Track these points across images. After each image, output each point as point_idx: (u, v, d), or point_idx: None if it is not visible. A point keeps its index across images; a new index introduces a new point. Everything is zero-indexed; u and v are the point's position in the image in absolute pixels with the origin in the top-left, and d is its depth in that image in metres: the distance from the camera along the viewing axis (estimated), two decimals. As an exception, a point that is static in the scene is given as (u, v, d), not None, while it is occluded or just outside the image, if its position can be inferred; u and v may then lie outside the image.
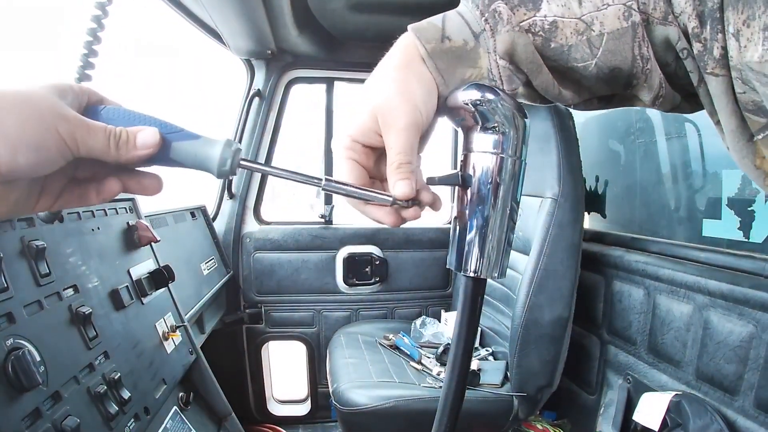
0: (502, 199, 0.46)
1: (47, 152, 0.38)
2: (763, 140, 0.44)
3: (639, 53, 0.47)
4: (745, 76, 0.42)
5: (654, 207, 1.96)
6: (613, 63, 0.47)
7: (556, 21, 0.46)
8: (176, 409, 1.36)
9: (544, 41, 0.47)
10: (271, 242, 2.45)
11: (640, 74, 0.48)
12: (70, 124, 0.38)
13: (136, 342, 1.18)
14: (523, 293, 1.74)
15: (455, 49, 0.47)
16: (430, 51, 0.46)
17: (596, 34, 0.46)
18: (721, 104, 0.45)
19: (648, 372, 1.69)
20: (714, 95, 0.45)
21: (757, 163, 0.46)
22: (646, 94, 0.50)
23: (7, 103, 0.37)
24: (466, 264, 0.47)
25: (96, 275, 1.11)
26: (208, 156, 0.42)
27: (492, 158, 0.45)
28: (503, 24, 0.46)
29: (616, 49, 0.47)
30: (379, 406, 1.65)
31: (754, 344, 1.29)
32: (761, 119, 0.44)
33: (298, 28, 1.99)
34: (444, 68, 0.47)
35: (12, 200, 0.40)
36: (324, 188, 0.44)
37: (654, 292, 1.67)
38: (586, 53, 0.47)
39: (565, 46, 0.47)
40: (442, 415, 0.49)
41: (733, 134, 0.46)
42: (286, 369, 2.87)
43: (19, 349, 0.78)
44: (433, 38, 0.47)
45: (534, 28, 0.46)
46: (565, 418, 2.14)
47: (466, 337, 0.47)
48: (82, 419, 0.87)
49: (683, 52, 0.47)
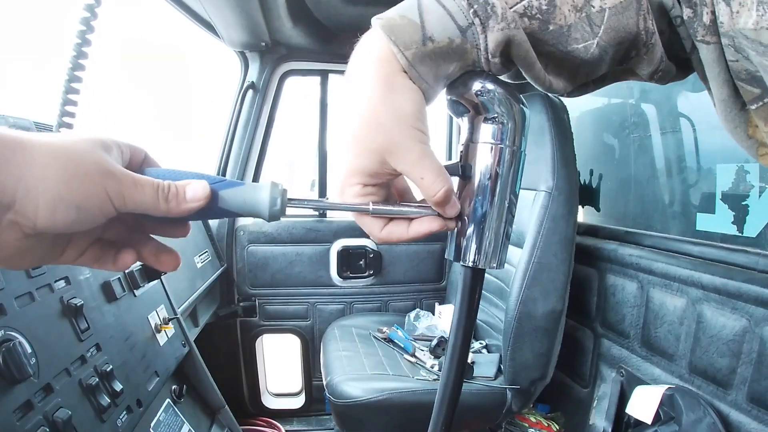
0: (501, 190, 0.45)
1: (88, 211, 0.36)
2: (756, 110, 0.43)
3: (644, 27, 0.44)
4: (738, 43, 0.40)
5: (648, 201, 1.97)
6: (616, 40, 0.44)
7: None
8: (169, 402, 1.35)
9: (542, 24, 0.43)
10: (265, 235, 2.44)
11: (641, 47, 0.46)
12: (117, 181, 0.37)
13: (129, 334, 1.18)
14: (517, 286, 1.74)
15: (439, 50, 0.41)
16: (411, 59, 0.41)
17: (596, 10, 0.43)
18: (713, 72, 0.44)
19: (641, 365, 1.69)
20: (705, 63, 0.44)
21: (750, 132, 0.44)
22: (645, 67, 0.47)
23: (50, 156, 0.35)
24: (465, 254, 0.46)
25: (87, 267, 1.10)
26: (257, 200, 0.42)
27: (492, 149, 0.45)
28: (497, 20, 0.41)
29: (619, 26, 0.43)
30: (373, 399, 1.65)
31: (747, 338, 1.29)
32: (755, 89, 0.42)
33: (293, 19, 1.98)
34: (426, 72, 0.42)
35: (39, 253, 0.38)
36: (372, 213, 0.44)
37: (647, 286, 1.67)
38: (587, 32, 0.43)
39: (564, 27, 0.43)
40: (441, 403, 0.49)
41: (724, 103, 0.44)
42: (280, 362, 2.87)
43: (10, 341, 0.77)
44: (412, 42, 0.41)
45: (530, 11, 0.42)
46: (558, 411, 2.15)
47: (465, 325, 0.47)
48: (73, 411, 0.86)
49: (676, 19, 0.45)
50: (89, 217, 0.37)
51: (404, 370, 1.85)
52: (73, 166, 0.35)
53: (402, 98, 0.41)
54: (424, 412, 0.52)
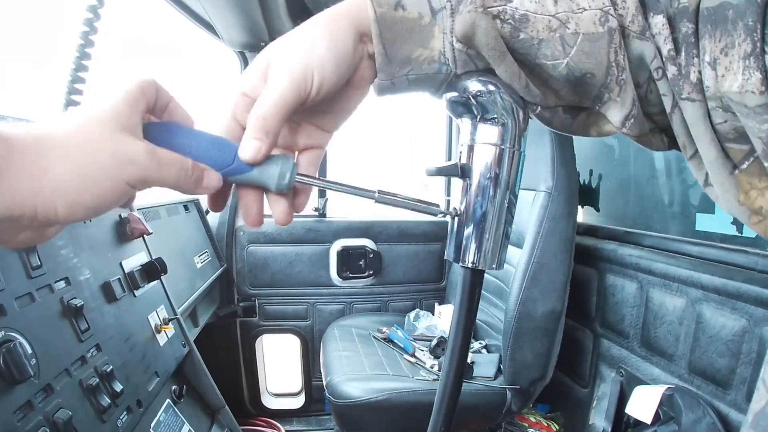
0: (501, 191, 0.45)
1: (107, 203, 0.36)
2: (747, 169, 0.41)
3: (615, 60, 0.43)
4: (725, 103, 0.39)
5: (648, 201, 1.97)
6: (586, 66, 0.43)
7: (527, 15, 0.42)
8: (169, 402, 1.35)
9: (513, 30, 0.42)
10: (265, 235, 2.44)
11: (613, 85, 0.43)
12: (139, 167, 0.36)
13: (129, 335, 1.18)
14: (517, 286, 1.74)
15: (407, 21, 0.41)
16: (379, 15, 0.41)
17: (571, 32, 0.42)
18: (699, 131, 0.42)
19: (641, 365, 1.70)
20: (690, 122, 0.42)
21: (741, 199, 0.42)
22: (617, 112, 0.45)
23: (65, 160, 0.34)
24: (464, 255, 0.46)
25: (88, 267, 1.10)
26: (266, 171, 0.42)
27: (492, 149, 0.45)
28: (465, 4, 0.41)
29: (591, 51, 0.42)
30: (373, 399, 1.65)
31: (747, 338, 1.29)
32: (743, 146, 0.41)
33: (293, 20, 1.98)
34: (390, 39, 0.41)
35: (47, 234, 0.38)
36: (377, 200, 0.44)
37: (647, 286, 1.67)
38: (558, 51, 0.42)
39: (536, 39, 0.42)
40: (441, 403, 0.49)
41: (712, 165, 0.42)
42: (280, 362, 2.87)
43: (11, 342, 0.77)
44: (386, 2, 0.41)
45: (503, 15, 0.41)
46: (558, 411, 2.15)
47: (465, 326, 0.47)
48: (74, 412, 0.86)
49: (658, 71, 0.43)
50: (109, 206, 0.36)
51: (404, 370, 1.85)
52: (90, 164, 0.34)
53: (329, 38, 0.40)
54: (424, 412, 0.52)
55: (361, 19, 0.41)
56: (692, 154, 0.44)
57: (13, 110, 1.12)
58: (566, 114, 0.48)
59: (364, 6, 0.41)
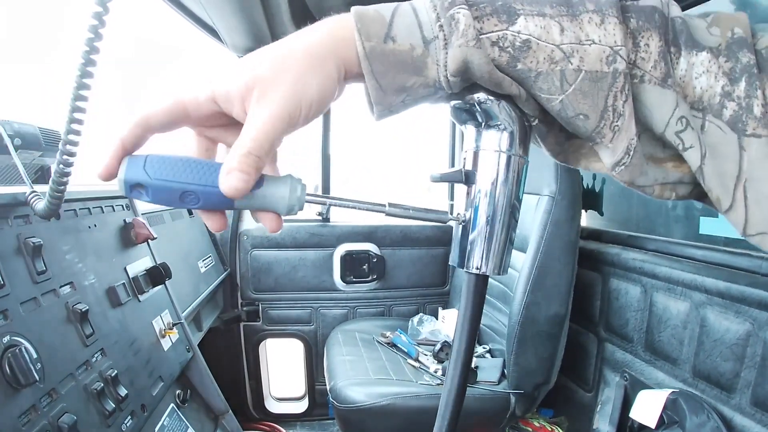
0: (505, 197, 0.46)
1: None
2: None
3: (613, 105, 0.40)
4: None
5: (651, 205, 1.96)
6: (580, 107, 0.40)
7: (530, 40, 0.39)
8: (173, 407, 1.36)
9: (511, 59, 0.39)
10: (269, 240, 2.45)
11: (606, 130, 0.41)
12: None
13: (133, 339, 1.18)
14: (520, 291, 1.74)
15: (398, 53, 0.39)
16: (368, 51, 0.39)
17: (573, 68, 0.39)
18: (763, 170, 0.39)
19: (645, 369, 1.69)
20: (754, 160, 0.39)
21: None
22: (608, 156, 0.42)
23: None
24: (468, 261, 0.46)
25: (93, 272, 1.11)
26: (276, 195, 0.41)
27: (496, 156, 0.45)
28: (458, 36, 0.38)
29: (589, 92, 0.40)
30: (377, 404, 1.65)
31: (751, 342, 1.29)
32: None
33: (296, 25, 1.98)
34: (381, 72, 0.40)
35: None
36: (388, 213, 0.45)
37: (651, 290, 1.67)
38: (555, 86, 0.40)
39: (533, 72, 0.39)
40: (445, 408, 0.49)
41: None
42: (283, 366, 2.87)
43: (16, 347, 0.78)
44: (375, 35, 0.39)
45: (503, 43, 0.39)
46: (562, 416, 2.15)
47: (469, 332, 0.47)
48: (78, 416, 0.87)
49: (681, 121, 0.40)
50: None
51: (408, 375, 1.85)
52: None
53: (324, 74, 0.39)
54: (428, 416, 0.52)
55: (348, 56, 0.40)
56: (728, 206, 0.41)
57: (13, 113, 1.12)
58: (562, 132, 0.47)
59: (350, 39, 0.39)
